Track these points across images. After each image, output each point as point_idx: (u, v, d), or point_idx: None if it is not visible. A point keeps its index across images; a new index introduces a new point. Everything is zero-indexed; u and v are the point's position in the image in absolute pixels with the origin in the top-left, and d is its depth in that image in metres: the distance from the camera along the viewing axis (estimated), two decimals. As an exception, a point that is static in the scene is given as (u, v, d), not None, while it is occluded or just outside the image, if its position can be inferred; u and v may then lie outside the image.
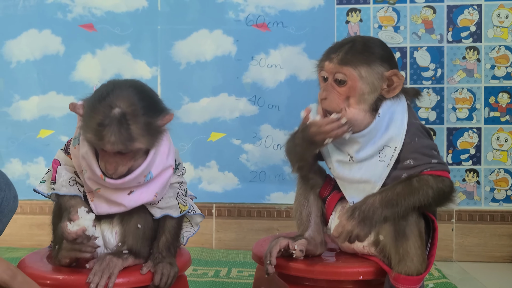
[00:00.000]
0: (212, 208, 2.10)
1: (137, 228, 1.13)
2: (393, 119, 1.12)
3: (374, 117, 1.11)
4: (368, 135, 1.11)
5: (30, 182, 2.15)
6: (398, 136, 1.11)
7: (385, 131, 1.11)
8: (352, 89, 1.09)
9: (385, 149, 1.11)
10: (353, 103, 1.09)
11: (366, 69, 1.09)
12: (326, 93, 1.11)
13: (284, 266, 1.13)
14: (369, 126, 1.10)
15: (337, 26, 2.05)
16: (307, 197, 1.22)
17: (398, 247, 1.06)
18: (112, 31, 2.13)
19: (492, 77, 2.00)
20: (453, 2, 2.01)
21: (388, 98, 1.12)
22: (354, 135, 1.11)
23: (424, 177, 1.08)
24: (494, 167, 2.01)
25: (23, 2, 2.15)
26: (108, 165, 1.06)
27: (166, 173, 1.14)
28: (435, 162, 1.09)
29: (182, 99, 2.11)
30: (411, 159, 1.10)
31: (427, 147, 1.12)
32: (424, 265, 1.07)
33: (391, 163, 1.11)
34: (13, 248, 2.07)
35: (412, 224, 1.06)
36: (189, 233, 1.27)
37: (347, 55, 1.10)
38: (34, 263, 1.14)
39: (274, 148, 2.09)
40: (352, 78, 1.08)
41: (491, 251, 1.99)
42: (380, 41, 1.18)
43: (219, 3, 2.09)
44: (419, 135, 1.13)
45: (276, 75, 2.08)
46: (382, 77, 1.10)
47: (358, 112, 1.09)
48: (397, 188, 1.07)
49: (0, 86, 2.17)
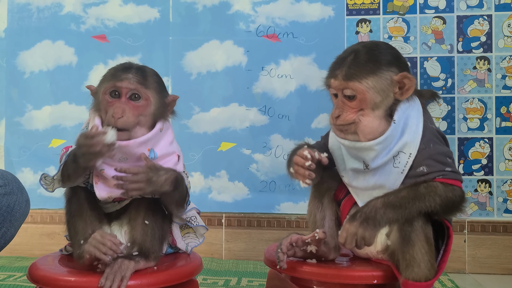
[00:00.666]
0: (222, 218, 2.09)
1: (144, 224, 1.13)
2: (408, 124, 1.11)
3: (390, 123, 1.09)
4: (384, 142, 1.09)
5: (41, 191, 2.15)
6: (413, 143, 1.10)
7: (400, 137, 1.10)
8: (363, 102, 1.08)
9: (399, 155, 1.10)
10: (367, 112, 1.08)
11: (373, 79, 1.08)
12: (338, 111, 1.11)
13: (297, 270, 1.12)
14: (385, 133, 1.09)
15: (347, 36, 2.07)
16: (321, 200, 1.21)
17: (405, 253, 1.05)
18: (124, 42, 2.16)
19: (503, 87, 2.00)
20: (463, 12, 2.02)
21: (402, 100, 1.11)
22: (370, 143, 1.09)
23: (433, 184, 1.06)
24: (507, 177, 1.99)
25: (37, 14, 2.19)
26: (116, 109, 1.08)
27: (171, 159, 1.15)
28: (448, 170, 1.08)
29: (193, 109, 2.12)
30: (425, 165, 1.09)
31: (441, 154, 1.10)
32: (432, 271, 1.05)
33: (406, 169, 1.10)
34: (23, 257, 2.07)
35: (418, 230, 1.05)
36: (194, 243, 1.28)
37: (350, 69, 1.08)
38: (46, 265, 1.14)
39: (284, 158, 2.09)
40: (360, 91, 1.08)
41: (505, 263, 1.96)
42: (385, 44, 1.17)
43: (230, 14, 2.12)
44: (435, 140, 1.12)
45: (286, 85, 2.09)
46: (392, 82, 1.09)
47: (372, 120, 1.08)
48: (402, 192, 1.06)
49: (14, 96, 2.20)
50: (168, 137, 1.18)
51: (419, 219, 1.06)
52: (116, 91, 1.11)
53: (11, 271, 1.86)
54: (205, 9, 2.13)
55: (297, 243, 1.14)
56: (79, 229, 1.13)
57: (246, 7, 2.11)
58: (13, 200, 1.25)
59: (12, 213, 1.24)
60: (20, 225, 1.30)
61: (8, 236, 1.26)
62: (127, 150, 1.10)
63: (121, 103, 1.10)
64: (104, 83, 1.13)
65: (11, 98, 2.20)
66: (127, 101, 1.11)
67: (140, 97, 1.11)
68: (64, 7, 2.19)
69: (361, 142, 1.10)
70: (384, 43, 1.18)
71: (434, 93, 1.21)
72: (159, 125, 1.15)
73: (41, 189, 2.16)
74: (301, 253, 1.16)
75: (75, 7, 2.18)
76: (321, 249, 1.15)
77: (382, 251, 1.13)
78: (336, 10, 2.07)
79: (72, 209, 1.16)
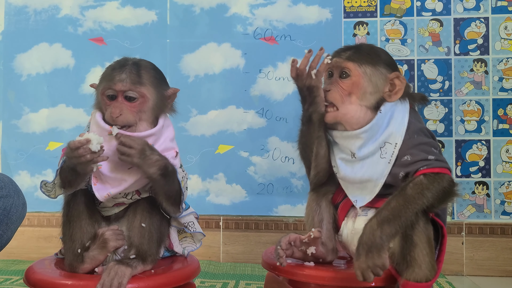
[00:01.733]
0: (220, 220, 2.09)
1: (141, 227, 1.13)
2: (393, 116, 1.15)
3: (376, 115, 1.14)
4: (370, 131, 1.13)
5: (38, 194, 2.15)
6: (398, 132, 1.13)
7: (386, 127, 1.14)
8: (355, 85, 1.14)
9: (386, 145, 1.13)
10: (355, 99, 1.14)
11: (371, 69, 1.14)
12: (330, 86, 1.16)
13: (295, 272, 1.12)
14: (371, 121, 1.13)
15: (345, 39, 2.07)
16: (319, 203, 1.22)
17: (406, 254, 1.05)
18: (121, 45, 2.15)
19: (500, 89, 2.00)
20: (460, 15, 2.02)
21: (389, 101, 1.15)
22: (357, 131, 1.14)
23: (418, 181, 1.05)
24: (504, 179, 1.99)
25: (34, 17, 2.19)
26: (113, 109, 1.10)
27: (169, 154, 1.15)
28: (432, 159, 1.08)
29: (190, 112, 2.12)
30: (409, 154, 1.10)
31: (425, 144, 1.12)
32: (433, 272, 1.05)
33: (392, 159, 1.12)
34: (20, 261, 2.06)
35: (420, 231, 1.05)
36: (191, 248, 1.28)
37: (354, 54, 1.16)
38: (42, 269, 1.13)
39: (282, 161, 2.09)
40: (356, 74, 1.13)
41: (503, 265, 1.96)
42: (384, 50, 1.25)
43: (227, 17, 2.12)
44: (419, 133, 1.14)
45: (284, 87, 2.09)
46: (385, 79, 1.15)
47: (359, 108, 1.14)
48: (391, 203, 1.04)
49: (11, 99, 2.19)
50: (169, 134, 1.19)
51: (420, 220, 1.05)
52: (112, 92, 1.12)
53: (7, 274, 1.85)
54: (202, 12, 2.13)
55: (295, 243, 1.15)
56: (76, 237, 1.12)
57: (243, 10, 2.11)
58: (9, 203, 1.24)
59: (9, 216, 1.24)
60: (16, 228, 1.29)
61: (4, 239, 1.25)
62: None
63: (118, 103, 1.11)
64: (101, 83, 1.15)
65: (8, 100, 2.19)
66: (123, 100, 1.12)
67: (136, 96, 1.12)
68: (61, 9, 2.18)
69: (348, 131, 1.16)
70: (385, 50, 1.27)
71: (424, 96, 1.23)
72: (161, 121, 1.16)
73: (38, 192, 2.16)
74: (299, 254, 1.16)
75: (72, 9, 2.18)
76: (319, 250, 1.15)
77: None
78: (333, 12, 2.08)
79: (69, 213, 1.15)
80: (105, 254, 1.10)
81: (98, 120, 1.12)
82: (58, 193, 1.15)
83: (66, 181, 1.11)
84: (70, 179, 1.10)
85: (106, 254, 1.11)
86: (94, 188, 1.12)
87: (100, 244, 1.10)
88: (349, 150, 1.16)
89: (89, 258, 1.10)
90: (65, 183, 1.12)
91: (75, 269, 1.10)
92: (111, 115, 1.10)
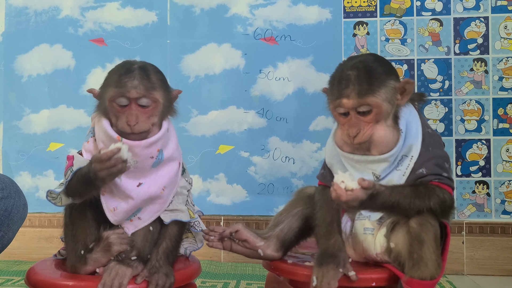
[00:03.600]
0: (221, 220, 2.09)
1: (148, 231, 1.13)
2: (409, 128, 1.13)
3: (398, 131, 1.11)
4: (396, 153, 1.11)
5: (39, 195, 2.15)
6: (415, 146, 1.12)
7: (404, 143, 1.12)
8: (378, 114, 1.10)
9: (403, 158, 1.12)
10: (381, 124, 1.10)
11: (384, 90, 1.10)
12: (356, 129, 1.10)
13: (296, 272, 1.12)
14: (397, 143, 1.10)
15: (345, 39, 2.07)
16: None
17: (412, 252, 1.04)
18: (122, 45, 2.16)
19: (500, 88, 2.00)
20: (459, 14, 2.02)
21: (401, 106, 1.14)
22: (385, 155, 1.10)
23: (431, 186, 1.09)
24: (504, 179, 1.99)
25: (35, 18, 2.20)
26: (130, 117, 1.08)
27: (174, 166, 1.15)
28: (444, 176, 1.11)
29: (191, 112, 2.12)
30: (424, 168, 1.10)
31: (441, 158, 1.13)
32: (439, 270, 1.05)
33: (407, 172, 1.12)
34: (21, 261, 2.07)
35: (428, 228, 1.05)
36: (192, 248, 1.27)
37: (361, 85, 1.09)
38: (44, 270, 1.13)
39: (282, 161, 2.09)
40: (377, 105, 1.08)
41: (503, 264, 1.96)
42: (375, 56, 1.18)
43: (227, 18, 2.12)
44: (433, 144, 1.14)
45: (284, 88, 2.10)
46: (395, 90, 1.12)
47: (387, 130, 1.10)
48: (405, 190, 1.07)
49: (11, 100, 2.20)
50: (175, 138, 1.18)
51: (430, 218, 1.06)
52: (125, 102, 1.09)
53: (9, 275, 1.85)
54: (202, 12, 2.14)
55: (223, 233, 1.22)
56: (79, 238, 1.12)
57: (243, 10, 2.11)
58: (10, 204, 1.25)
59: (10, 216, 1.24)
60: (18, 229, 1.29)
61: (5, 240, 1.25)
62: (138, 151, 1.09)
63: (132, 110, 1.09)
64: (109, 90, 1.10)
65: (9, 101, 2.20)
66: (137, 107, 1.09)
67: (149, 100, 1.10)
68: (62, 10, 2.19)
69: (373, 155, 1.11)
70: (372, 54, 1.20)
71: (422, 94, 1.23)
72: (166, 124, 1.15)
73: (39, 193, 2.16)
74: (239, 248, 1.24)
75: (72, 10, 2.18)
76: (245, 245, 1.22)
77: (383, 254, 1.13)
78: (333, 12, 2.08)
79: (72, 214, 1.14)
80: (108, 257, 1.10)
81: (107, 128, 1.10)
82: (64, 202, 1.13)
83: (77, 193, 1.09)
84: (82, 191, 1.08)
85: (109, 258, 1.10)
86: (102, 198, 1.11)
87: (104, 247, 1.10)
88: (371, 173, 1.13)
89: (92, 260, 1.10)
90: (75, 194, 1.09)
91: (77, 270, 1.10)
92: (128, 124, 1.07)
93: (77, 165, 1.08)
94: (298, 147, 2.09)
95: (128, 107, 1.09)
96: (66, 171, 1.11)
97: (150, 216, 1.15)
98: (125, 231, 1.13)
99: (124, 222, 1.14)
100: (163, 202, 1.15)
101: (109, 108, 1.11)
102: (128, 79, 1.08)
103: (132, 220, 1.14)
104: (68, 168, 1.11)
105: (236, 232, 1.22)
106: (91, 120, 1.19)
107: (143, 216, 1.14)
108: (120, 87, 1.07)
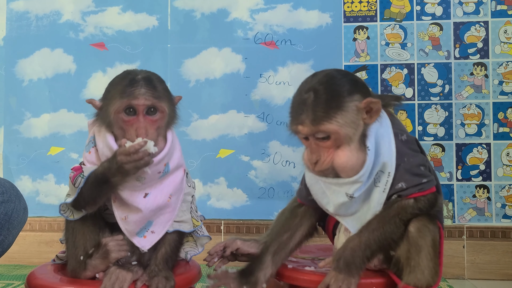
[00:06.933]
0: (221, 224, 2.09)
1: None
2: (380, 144, 1.08)
3: (365, 151, 1.06)
4: (367, 172, 1.07)
5: (40, 199, 2.16)
6: (390, 161, 1.07)
7: (377, 159, 1.07)
8: (338, 140, 1.03)
9: (379, 174, 1.08)
10: (344, 148, 1.04)
11: (342, 114, 1.02)
12: (315, 156, 1.05)
13: (296, 277, 1.12)
14: (365, 163, 1.05)
15: (345, 43, 2.08)
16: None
17: (410, 259, 1.04)
18: (122, 50, 2.16)
19: (501, 92, 2.00)
20: (459, 19, 2.03)
21: (371, 123, 1.07)
22: (355, 177, 1.06)
23: (403, 203, 1.07)
24: (505, 183, 1.99)
25: (36, 22, 2.20)
26: (139, 130, 1.05)
27: (179, 173, 1.15)
28: (424, 182, 1.08)
29: (191, 116, 2.13)
30: (403, 181, 1.08)
31: (416, 166, 1.09)
32: (436, 278, 1.04)
33: (387, 188, 1.08)
34: (21, 266, 2.07)
35: (426, 235, 1.05)
36: (193, 252, 1.27)
37: (315, 111, 1.02)
38: (44, 274, 1.13)
39: (282, 165, 2.09)
40: (333, 131, 1.02)
41: (504, 269, 1.96)
42: (338, 72, 1.09)
43: (228, 22, 2.13)
44: (408, 154, 1.10)
45: (285, 92, 2.10)
46: (358, 110, 1.04)
47: (350, 155, 1.04)
48: (371, 225, 1.07)
49: (12, 104, 2.20)
50: (179, 147, 1.16)
51: (428, 223, 1.06)
52: (132, 108, 1.06)
53: (9, 279, 1.85)
54: (203, 17, 2.14)
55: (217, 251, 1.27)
56: (79, 244, 1.12)
57: (244, 15, 2.12)
58: (11, 208, 1.25)
59: (10, 220, 1.25)
60: (18, 233, 1.30)
61: (6, 244, 1.26)
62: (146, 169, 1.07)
63: (140, 122, 1.06)
64: (114, 101, 1.06)
65: (9, 106, 2.20)
66: (145, 117, 1.07)
67: (157, 110, 1.07)
68: (63, 15, 2.20)
69: (343, 178, 1.06)
70: (337, 70, 1.10)
71: (397, 97, 1.17)
72: (170, 136, 1.13)
73: (39, 197, 2.16)
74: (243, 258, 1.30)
75: (73, 15, 2.19)
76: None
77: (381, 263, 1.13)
78: (333, 17, 2.09)
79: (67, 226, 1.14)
80: (106, 264, 1.09)
81: (111, 144, 1.07)
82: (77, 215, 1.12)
83: (90, 199, 1.07)
84: (96, 196, 1.07)
85: (107, 264, 1.09)
86: (113, 205, 1.10)
87: (102, 254, 1.09)
88: (345, 193, 1.08)
89: (91, 266, 1.10)
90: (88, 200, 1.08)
91: (78, 275, 1.10)
92: (137, 137, 1.05)
93: (87, 172, 1.07)
94: (299, 151, 2.09)
95: (136, 119, 1.06)
96: (74, 179, 1.09)
97: (163, 227, 1.13)
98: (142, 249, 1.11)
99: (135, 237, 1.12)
100: (171, 210, 1.14)
101: (114, 121, 1.07)
102: (134, 88, 1.05)
103: (145, 236, 1.12)
104: (78, 175, 1.09)
105: (236, 250, 1.26)
106: (88, 127, 1.17)
107: (156, 229, 1.13)
108: (126, 97, 1.04)
